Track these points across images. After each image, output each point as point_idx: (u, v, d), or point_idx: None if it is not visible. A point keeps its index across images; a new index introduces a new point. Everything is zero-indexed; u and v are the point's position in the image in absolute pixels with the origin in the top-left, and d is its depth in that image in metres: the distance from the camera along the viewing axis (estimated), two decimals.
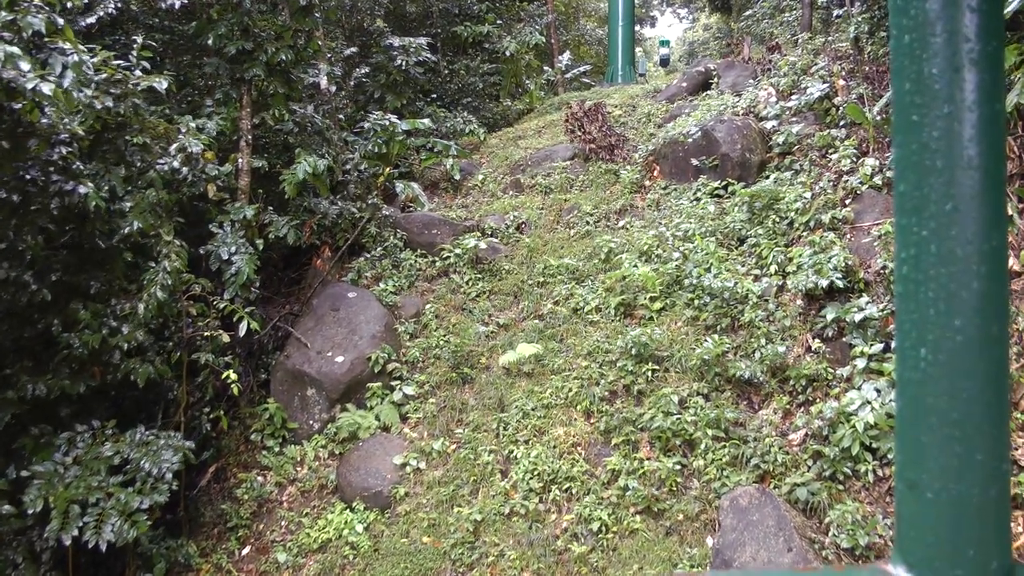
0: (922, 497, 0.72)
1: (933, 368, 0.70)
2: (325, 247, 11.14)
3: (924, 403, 0.71)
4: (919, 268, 0.71)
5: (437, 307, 10.71)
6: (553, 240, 11.47)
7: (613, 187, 12.44)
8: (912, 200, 0.71)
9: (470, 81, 18.13)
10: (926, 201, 0.69)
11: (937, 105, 0.68)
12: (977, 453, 0.70)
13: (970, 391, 0.69)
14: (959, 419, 0.69)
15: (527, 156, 14.02)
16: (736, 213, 10.34)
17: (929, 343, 0.70)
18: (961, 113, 0.67)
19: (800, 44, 15.00)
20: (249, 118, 10.29)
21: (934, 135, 0.68)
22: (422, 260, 11.54)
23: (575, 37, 30.59)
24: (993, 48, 0.67)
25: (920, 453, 0.72)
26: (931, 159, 0.68)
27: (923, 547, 0.72)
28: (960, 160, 0.67)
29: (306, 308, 10.52)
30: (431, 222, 11.82)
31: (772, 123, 11.85)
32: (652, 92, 16.07)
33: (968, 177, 0.67)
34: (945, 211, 0.68)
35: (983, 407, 0.69)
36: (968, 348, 0.69)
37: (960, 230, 0.68)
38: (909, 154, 0.71)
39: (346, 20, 15.52)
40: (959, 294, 0.68)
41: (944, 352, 0.69)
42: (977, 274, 0.67)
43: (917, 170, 0.70)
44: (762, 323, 8.62)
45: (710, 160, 11.48)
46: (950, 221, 0.68)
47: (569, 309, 9.98)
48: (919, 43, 0.68)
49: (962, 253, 0.68)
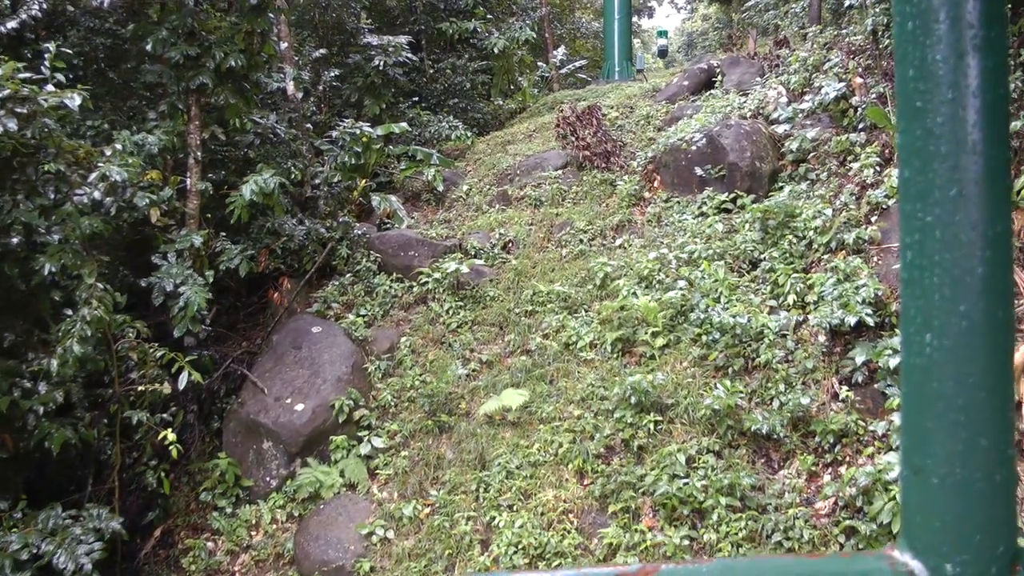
0: (927, 483, 0.71)
1: (938, 353, 0.69)
2: (284, 278, 10.01)
3: (929, 388, 0.70)
4: (924, 254, 0.69)
5: (413, 340, 9.59)
6: (543, 261, 10.34)
7: (609, 199, 11.30)
8: (917, 186, 0.69)
9: (457, 81, 16.95)
10: (931, 187, 0.68)
11: (941, 91, 0.67)
12: (982, 438, 0.68)
13: (975, 376, 0.68)
14: (964, 404, 0.68)
15: (516, 164, 12.87)
16: (747, 232, 9.20)
17: (934, 328, 0.69)
18: (965, 99, 0.66)
19: (810, 38, 13.81)
20: (198, 132, 9.14)
21: (938, 121, 0.68)
22: (398, 285, 10.42)
23: (570, 31, 29.33)
24: (996, 34, 0.67)
25: (925, 438, 0.71)
26: (935, 145, 0.68)
27: (929, 533, 0.71)
28: (965, 145, 0.67)
29: (265, 345, 9.40)
30: (408, 242, 10.69)
31: (784, 127, 10.69)
32: (651, 91, 14.89)
33: (973, 162, 0.67)
34: (950, 197, 0.67)
35: (988, 392, 0.69)
36: (973, 333, 0.68)
37: (965, 215, 0.67)
38: (913, 140, 0.70)
39: (320, 18, 14.33)
40: (964, 279, 0.67)
41: (949, 337, 0.68)
42: (982, 259, 0.67)
43: (921, 156, 0.69)
44: (780, 364, 7.49)
45: (716, 170, 10.33)
46: (955, 207, 0.67)
47: (560, 344, 8.85)
48: (922, 29, 0.68)
49: (967, 238, 0.67)
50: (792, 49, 13.91)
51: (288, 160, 10.89)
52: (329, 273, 11.01)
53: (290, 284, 9.98)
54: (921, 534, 0.73)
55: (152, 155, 7.83)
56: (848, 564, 0.81)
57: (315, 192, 11.25)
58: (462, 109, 16.94)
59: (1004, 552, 0.70)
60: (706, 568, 0.75)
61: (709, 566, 0.75)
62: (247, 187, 8.36)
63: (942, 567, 0.71)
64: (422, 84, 17.21)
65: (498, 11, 25.17)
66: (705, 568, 0.75)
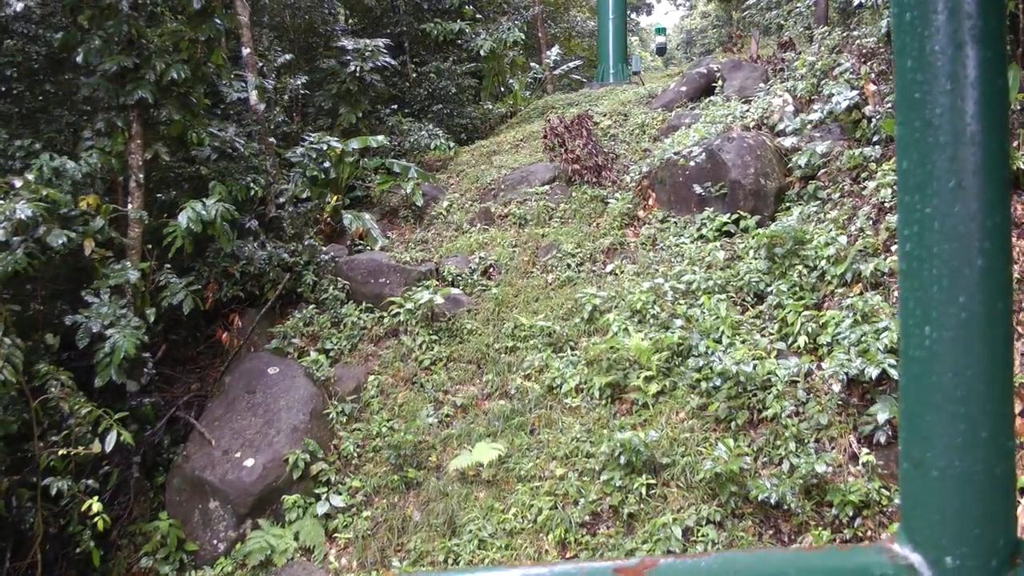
0: (927, 475, 0.71)
1: (938, 345, 0.69)
2: (235, 315, 9.08)
3: (929, 381, 0.70)
4: (923, 245, 0.69)
5: (382, 379, 8.68)
6: (527, 289, 9.41)
7: (600, 219, 10.37)
8: (915, 177, 0.70)
9: (442, 85, 16.00)
10: (929, 178, 0.69)
11: (939, 82, 0.67)
12: (982, 430, 0.69)
13: (975, 368, 0.68)
14: (964, 396, 0.69)
15: (501, 177, 11.94)
16: (751, 260, 8.28)
17: (933, 320, 0.69)
18: (964, 90, 0.67)
19: (817, 40, 12.86)
20: (140, 152, 8.22)
21: (937, 112, 0.68)
22: (367, 316, 9.50)
23: (565, 29, 28.35)
24: (994, 25, 0.67)
25: (925, 431, 0.71)
26: (934, 136, 0.68)
27: (928, 525, 0.72)
28: (963, 136, 0.67)
29: (217, 388, 8.49)
30: (379, 268, 9.76)
31: (791, 140, 9.75)
32: (647, 97, 13.94)
33: (971, 154, 0.67)
34: (948, 188, 0.68)
35: (988, 384, 0.69)
36: (973, 325, 0.68)
37: (964, 206, 0.67)
38: (912, 131, 0.70)
39: (291, 20, 13.39)
40: (963, 271, 0.68)
41: (949, 329, 0.69)
42: (981, 250, 0.67)
43: (920, 147, 0.69)
44: (790, 419, 6.58)
45: (717, 187, 9.40)
46: (954, 198, 0.68)
47: (543, 386, 7.94)
48: (921, 20, 0.68)
49: (965, 230, 0.67)
50: (798, 52, 12.97)
51: (248, 177, 9.96)
52: (295, 300, 10.10)
53: (242, 322, 9.05)
54: (921, 527, 0.72)
55: (76, 182, 6.89)
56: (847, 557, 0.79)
57: (279, 212, 10.32)
58: (447, 115, 15.99)
59: (1004, 545, 0.69)
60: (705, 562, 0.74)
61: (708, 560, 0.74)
62: (184, 215, 7.42)
63: (942, 560, 0.70)
64: (404, 89, 16.28)
65: (489, 10, 24.24)
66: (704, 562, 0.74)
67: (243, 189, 9.72)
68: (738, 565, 0.76)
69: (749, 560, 0.78)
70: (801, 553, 0.81)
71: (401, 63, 16.48)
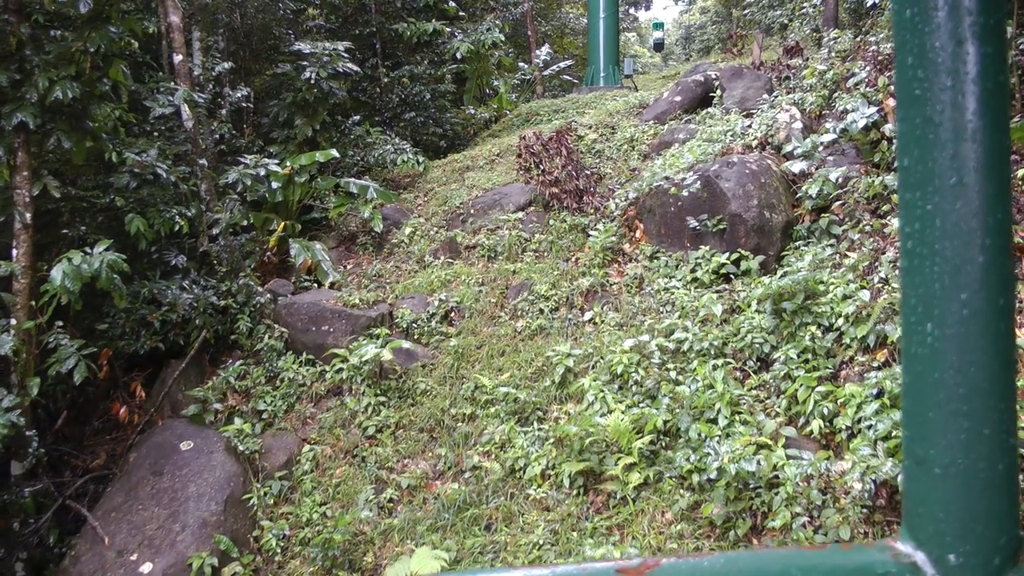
0: (930, 473, 0.71)
1: (940, 343, 0.69)
2: (136, 384, 7.76)
3: (931, 378, 0.70)
4: (924, 242, 0.69)
5: (319, 450, 7.39)
6: (492, 339, 8.10)
7: (580, 252, 9.05)
8: (916, 174, 0.70)
9: (415, 91, 14.64)
10: (930, 175, 0.69)
11: (940, 79, 0.67)
12: (985, 427, 0.68)
13: (977, 365, 0.68)
14: (966, 393, 0.68)
15: (471, 200, 10.61)
16: (754, 314, 6.96)
17: (935, 318, 0.69)
18: (965, 86, 0.67)
19: (826, 44, 11.52)
20: (28, 185, 6.89)
21: (938, 108, 0.68)
22: (307, 371, 8.19)
23: (556, 27, 26.97)
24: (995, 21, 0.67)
25: (927, 429, 0.71)
26: (935, 132, 0.68)
27: (931, 523, 0.71)
28: (964, 133, 0.67)
29: (120, 468, 7.18)
30: (321, 314, 8.44)
31: (800, 164, 8.42)
32: (637, 107, 12.59)
33: (972, 150, 0.67)
34: (950, 185, 0.68)
35: (990, 381, 0.68)
36: (975, 321, 0.68)
37: (965, 203, 0.67)
38: (913, 128, 0.70)
39: (241, 22, 12.02)
40: (964, 268, 0.68)
41: (951, 326, 0.69)
42: (982, 247, 0.67)
43: (921, 144, 0.69)
44: (803, 530, 5.27)
45: (714, 221, 8.08)
46: (955, 194, 0.68)
47: (505, 467, 6.64)
48: (921, 17, 0.68)
49: (967, 227, 0.67)
50: (805, 58, 11.63)
51: (175, 207, 8.64)
52: (232, 347, 8.81)
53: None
54: (924, 525, 0.72)
55: None
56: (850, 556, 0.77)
57: (212, 245, 9.00)
58: (421, 124, 14.64)
59: (1007, 542, 0.70)
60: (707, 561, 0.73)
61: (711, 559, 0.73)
62: (58, 270, 6.10)
63: (945, 558, 0.70)
64: (375, 95, 14.92)
65: (475, 7, 22.86)
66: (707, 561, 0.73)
67: (167, 221, 8.40)
68: (741, 564, 0.74)
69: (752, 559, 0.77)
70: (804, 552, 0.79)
71: (372, 67, 15.14)
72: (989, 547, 0.69)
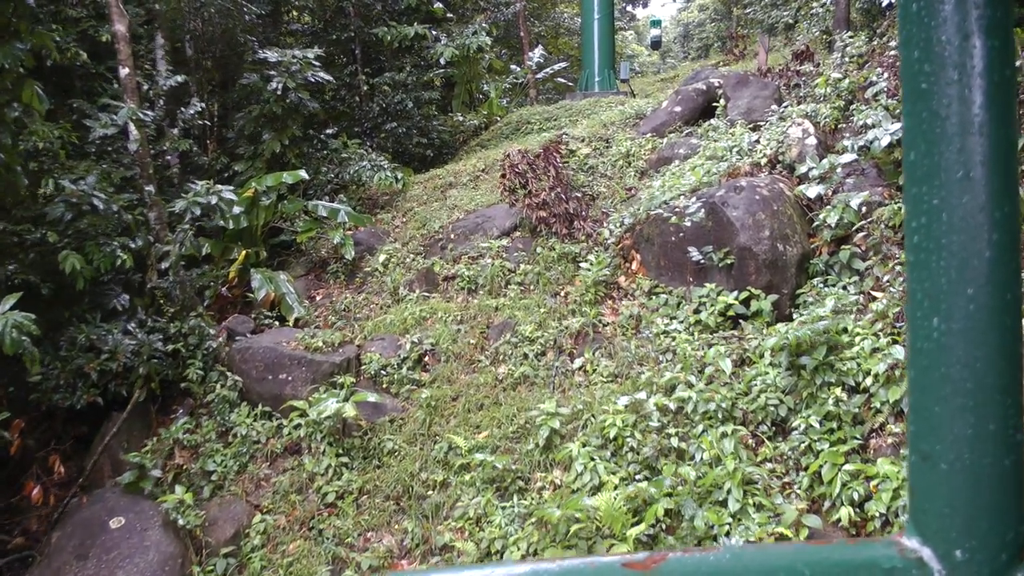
0: (936, 468, 0.70)
1: (946, 338, 0.68)
2: (55, 458, 6.84)
3: (937, 373, 0.69)
4: (930, 237, 0.68)
5: (271, 521, 6.47)
6: (469, 389, 7.18)
7: (569, 286, 8.12)
8: (922, 168, 0.68)
9: (397, 100, 13.71)
10: (937, 169, 0.67)
11: (947, 72, 0.66)
12: (991, 423, 0.67)
13: (984, 360, 0.67)
14: (973, 388, 0.67)
15: (452, 223, 9.69)
16: (768, 368, 6.05)
17: (942, 312, 0.68)
18: (971, 80, 0.65)
19: (837, 47, 10.59)
20: None
21: (944, 102, 0.66)
22: (262, 425, 7.27)
23: (551, 28, 26.01)
24: (1002, 14, 0.66)
25: (933, 424, 0.70)
26: (941, 126, 0.67)
27: (937, 519, 0.70)
28: (971, 127, 0.65)
29: (42, 549, 6.27)
30: (279, 360, 7.52)
31: (817, 188, 7.49)
32: (633, 118, 11.65)
33: (979, 144, 0.65)
34: (956, 179, 0.66)
35: (997, 376, 0.67)
36: (981, 316, 0.67)
37: (972, 197, 0.66)
38: (919, 122, 0.68)
39: (204, 29, 11.08)
40: (971, 262, 0.66)
41: (957, 321, 0.67)
42: (989, 241, 0.66)
43: (927, 138, 0.68)
44: None
45: (720, 254, 7.16)
46: (961, 189, 0.66)
47: (480, 548, 5.72)
48: (927, 10, 0.67)
49: (974, 221, 0.66)
50: (816, 63, 10.70)
51: (118, 237, 7.72)
52: (184, 394, 7.89)
53: (63, 470, 6.81)
54: (929, 520, 0.71)
55: None
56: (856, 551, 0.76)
57: (161, 280, 8.08)
58: (404, 135, 13.71)
59: (1014, 538, 0.69)
60: (714, 556, 0.71)
61: (716, 554, 0.71)
62: None
63: (951, 553, 0.69)
64: (354, 105, 13.99)
65: (464, 8, 21.91)
66: (713, 556, 0.71)
67: (107, 256, 7.48)
68: (747, 559, 0.73)
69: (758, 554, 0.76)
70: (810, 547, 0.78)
71: (351, 74, 14.20)
72: (995, 543, 0.67)
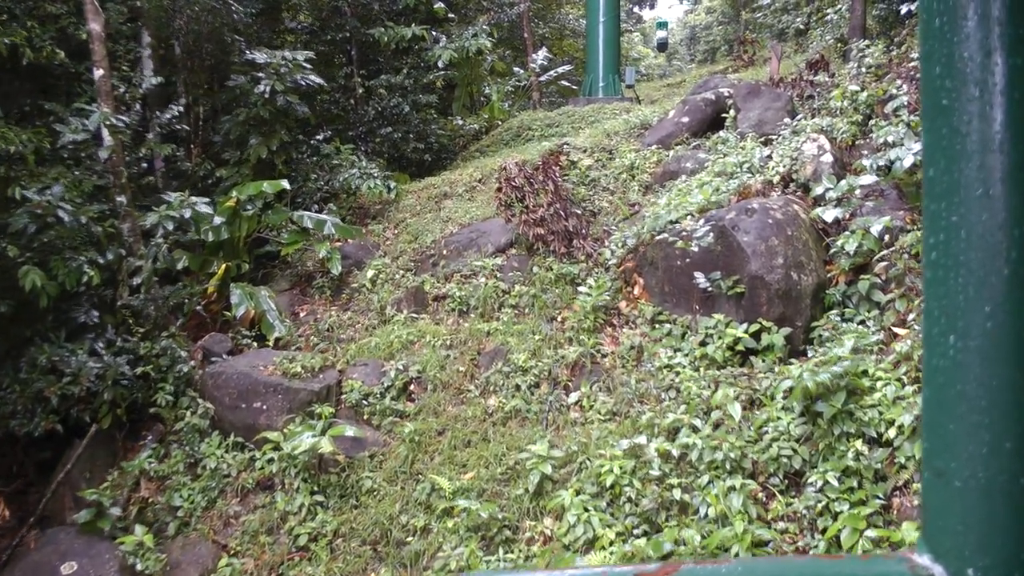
0: (950, 486, 0.69)
1: (963, 355, 0.67)
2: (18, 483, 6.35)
3: (953, 390, 0.68)
4: (948, 254, 0.67)
5: (238, 565, 5.98)
6: (456, 424, 6.67)
7: (567, 310, 7.62)
8: (942, 185, 0.68)
9: (393, 103, 13.20)
10: (956, 186, 0.66)
11: (968, 89, 0.66)
12: (1006, 441, 0.66)
13: (1000, 378, 0.66)
14: (988, 406, 0.66)
15: (445, 238, 9.18)
16: (781, 412, 5.54)
17: (959, 330, 0.67)
18: (992, 97, 0.65)
19: (854, 57, 10.06)
20: None
21: (964, 119, 0.66)
22: (234, 457, 6.78)
23: (555, 29, 25.47)
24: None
25: (948, 441, 0.69)
26: (961, 143, 0.66)
27: (950, 536, 0.70)
28: (991, 144, 0.65)
29: None
30: (253, 387, 7.02)
31: (834, 212, 6.97)
32: (638, 128, 11.13)
33: (999, 161, 0.64)
34: (976, 196, 0.65)
35: (1013, 394, 0.66)
36: (998, 334, 0.65)
37: (991, 215, 0.65)
38: (939, 139, 0.68)
39: (190, 27, 10.57)
40: (989, 280, 0.65)
41: (974, 339, 0.66)
42: (1008, 259, 0.64)
43: (947, 155, 0.67)
44: None
45: (729, 282, 6.64)
46: (981, 206, 0.65)
47: None
48: (950, 26, 0.67)
49: (993, 238, 0.65)
50: (831, 73, 10.17)
51: (86, 251, 7.23)
52: (155, 419, 7.41)
53: (7, 511, 6.33)
54: (942, 537, 0.71)
55: None
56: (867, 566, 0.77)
57: (133, 297, 7.59)
58: (400, 139, 13.20)
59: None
60: (726, 568, 0.72)
61: (729, 566, 0.72)
62: None
63: (963, 571, 0.68)
64: (349, 108, 13.48)
65: (467, 8, 21.39)
66: (725, 568, 0.72)
67: (72, 272, 6.99)
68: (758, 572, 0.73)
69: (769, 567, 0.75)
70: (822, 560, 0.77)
71: (346, 75, 13.70)
72: (1009, 562, 0.66)
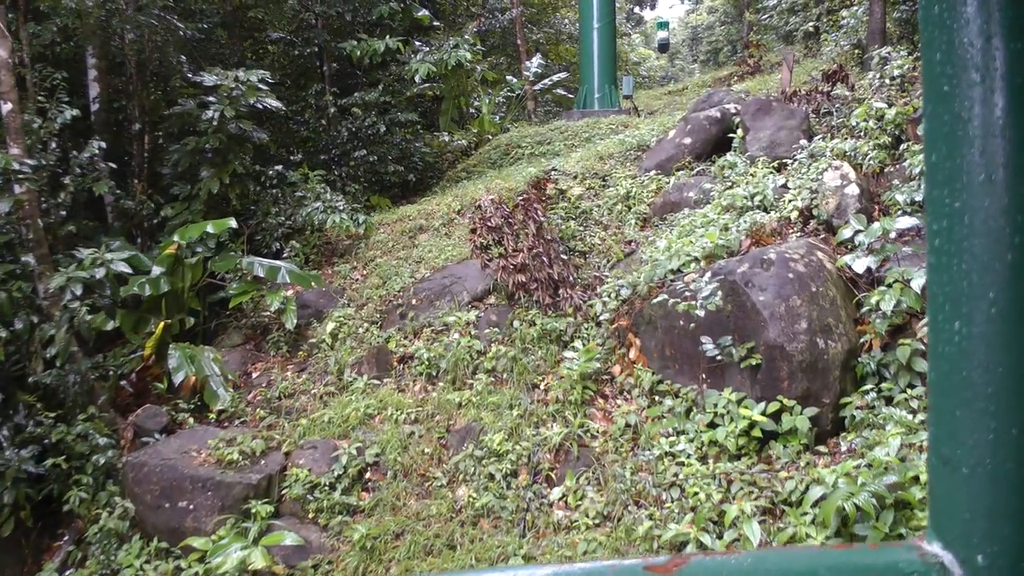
0: (956, 472, 0.69)
1: (967, 341, 0.67)
2: None
3: (958, 377, 0.68)
4: (952, 240, 0.68)
5: None
6: (418, 524, 5.55)
7: (551, 376, 6.51)
8: (944, 171, 0.68)
9: (368, 123, 12.10)
10: (958, 172, 0.67)
11: (968, 75, 0.66)
12: (1012, 427, 0.66)
13: (1005, 364, 0.66)
14: (994, 392, 0.66)
15: (416, 283, 8.09)
16: (809, 528, 4.41)
17: (963, 316, 0.68)
18: (993, 82, 0.65)
19: (875, 66, 8.92)
20: None
21: (966, 105, 0.66)
22: (155, 568, 5.68)
23: (550, 35, 24.37)
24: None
25: (954, 428, 0.70)
26: (963, 129, 0.66)
27: (958, 523, 0.70)
28: (993, 129, 0.65)
29: None
30: (179, 483, 5.91)
31: (865, 261, 5.83)
32: (635, 149, 10.00)
33: (1001, 147, 0.65)
34: (978, 182, 0.66)
35: (1018, 380, 0.66)
36: (1003, 320, 0.66)
37: (993, 200, 0.65)
38: (940, 125, 0.68)
39: (129, 48, 9.50)
40: (993, 265, 0.66)
41: (978, 324, 0.67)
42: (1011, 245, 0.65)
43: (949, 141, 0.68)
44: None
45: (742, 350, 5.52)
46: (983, 192, 0.66)
47: None
48: (949, 13, 0.67)
49: (996, 224, 0.65)
50: (851, 86, 9.03)
51: None
52: (72, 515, 6.33)
53: None
54: (950, 525, 0.70)
55: None
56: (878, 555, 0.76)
57: (47, 373, 6.51)
58: (377, 161, 12.11)
59: None
60: (736, 559, 0.72)
61: (738, 558, 0.72)
62: None
63: (972, 558, 0.69)
64: (320, 129, 12.40)
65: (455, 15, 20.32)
66: (735, 560, 0.72)
67: None
68: (768, 563, 0.73)
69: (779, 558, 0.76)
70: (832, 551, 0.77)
71: (317, 93, 12.62)
72: (1017, 548, 0.67)
